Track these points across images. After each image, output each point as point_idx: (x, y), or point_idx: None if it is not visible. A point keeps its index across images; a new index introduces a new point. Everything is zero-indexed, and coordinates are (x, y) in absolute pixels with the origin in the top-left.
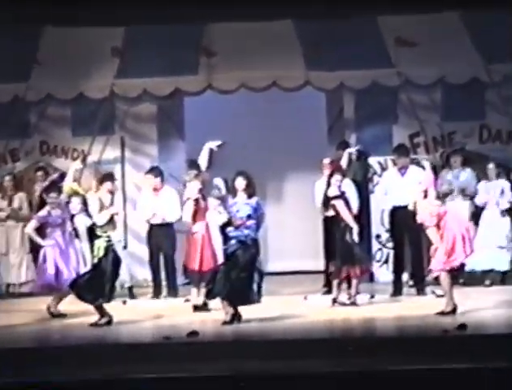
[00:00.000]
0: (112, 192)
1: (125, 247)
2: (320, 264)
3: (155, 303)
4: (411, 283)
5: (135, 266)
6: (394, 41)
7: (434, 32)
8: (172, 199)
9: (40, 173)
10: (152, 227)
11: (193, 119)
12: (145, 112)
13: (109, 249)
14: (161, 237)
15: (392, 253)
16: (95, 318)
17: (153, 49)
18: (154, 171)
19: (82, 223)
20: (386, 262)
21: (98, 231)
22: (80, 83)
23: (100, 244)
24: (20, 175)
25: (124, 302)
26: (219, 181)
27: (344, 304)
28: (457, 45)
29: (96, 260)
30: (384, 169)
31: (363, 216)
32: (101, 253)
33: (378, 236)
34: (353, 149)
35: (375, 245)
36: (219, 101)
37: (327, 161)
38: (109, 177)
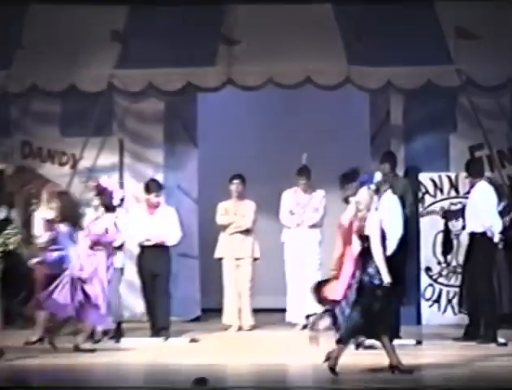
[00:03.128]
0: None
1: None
2: None
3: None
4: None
5: (131, 297)
6: (455, 33)
7: (503, 22)
8: (171, 219)
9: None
10: (144, 249)
11: (207, 120)
12: (149, 110)
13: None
14: (155, 261)
15: (444, 290)
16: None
17: (161, 35)
18: (154, 186)
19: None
20: (437, 301)
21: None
22: (72, 72)
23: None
24: None
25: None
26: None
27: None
28: None
29: None
30: (437, 187)
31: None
32: None
33: (428, 269)
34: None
35: (424, 281)
36: (239, 99)
37: None
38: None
